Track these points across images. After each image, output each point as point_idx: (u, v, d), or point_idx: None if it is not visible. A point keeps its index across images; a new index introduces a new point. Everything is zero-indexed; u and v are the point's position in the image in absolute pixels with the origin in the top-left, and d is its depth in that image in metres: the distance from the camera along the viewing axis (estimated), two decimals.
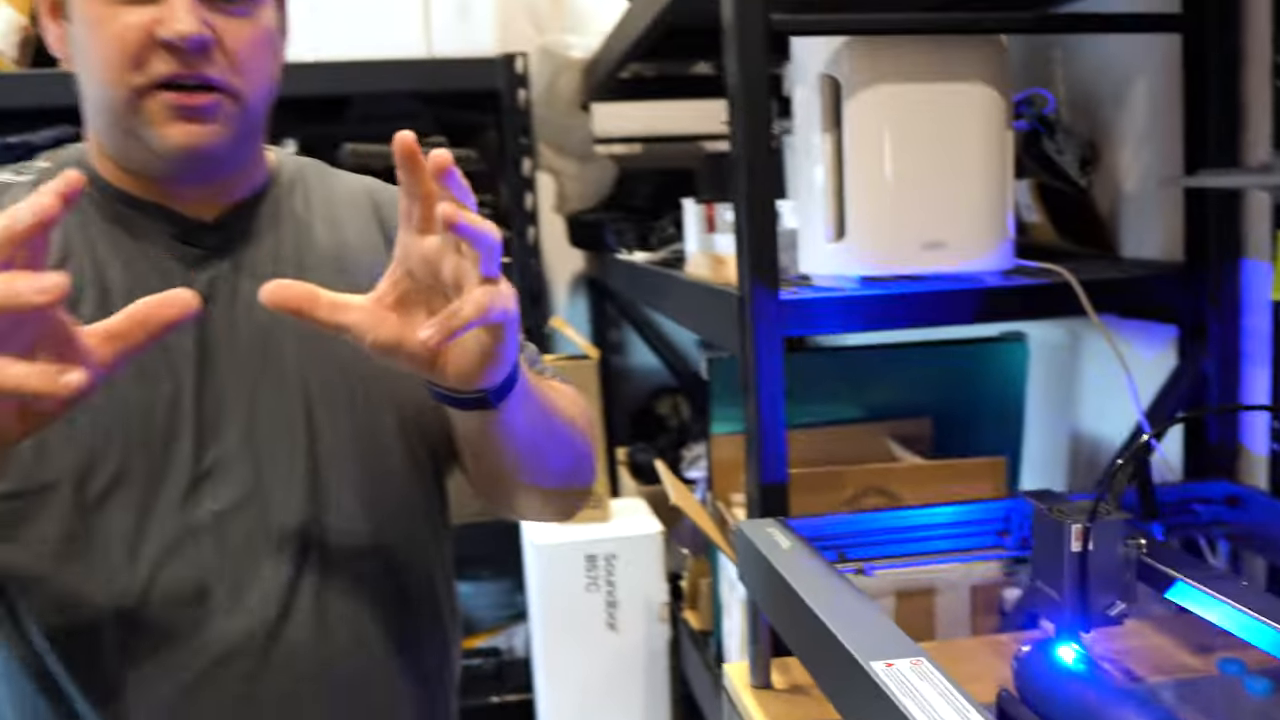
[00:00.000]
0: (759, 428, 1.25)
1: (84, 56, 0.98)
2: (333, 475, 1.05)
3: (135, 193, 1.04)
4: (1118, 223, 1.63)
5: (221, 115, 0.99)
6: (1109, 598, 1.04)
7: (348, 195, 1.15)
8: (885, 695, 0.79)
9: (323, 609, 1.04)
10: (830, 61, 1.28)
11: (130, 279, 1.02)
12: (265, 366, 1.04)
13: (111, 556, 0.98)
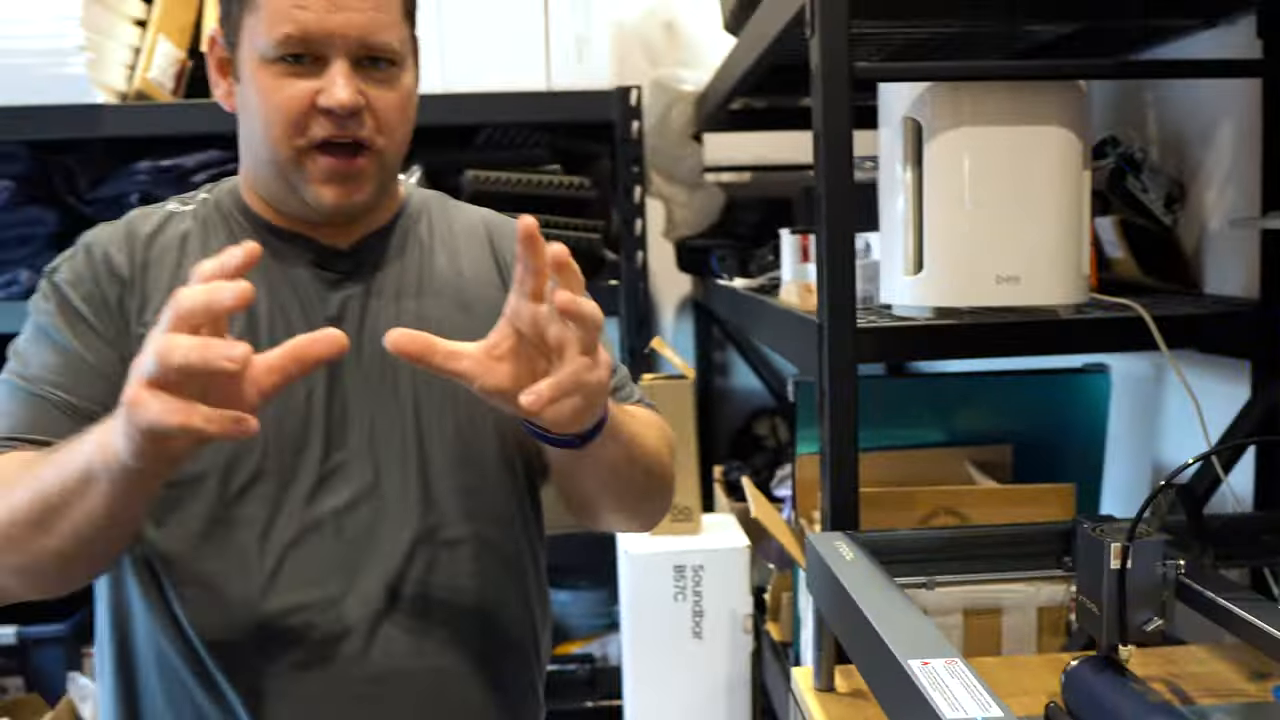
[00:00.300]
0: (831, 447, 1.33)
1: (251, 115, 1.13)
2: (438, 484, 1.17)
3: (280, 224, 1.19)
4: (1202, 260, 1.66)
5: (366, 176, 1.13)
6: (1146, 614, 1.10)
7: (467, 227, 1.28)
8: (917, 689, 0.86)
9: (422, 605, 1.15)
10: (913, 105, 1.36)
11: (273, 304, 1.15)
12: (384, 383, 1.17)
13: (246, 543, 1.11)
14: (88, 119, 2.39)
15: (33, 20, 2.35)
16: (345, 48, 1.09)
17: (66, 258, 1.19)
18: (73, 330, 1.13)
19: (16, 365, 1.14)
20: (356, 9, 1.08)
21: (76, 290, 1.15)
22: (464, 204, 1.33)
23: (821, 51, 1.28)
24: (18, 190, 2.45)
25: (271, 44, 1.09)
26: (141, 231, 1.18)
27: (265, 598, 1.11)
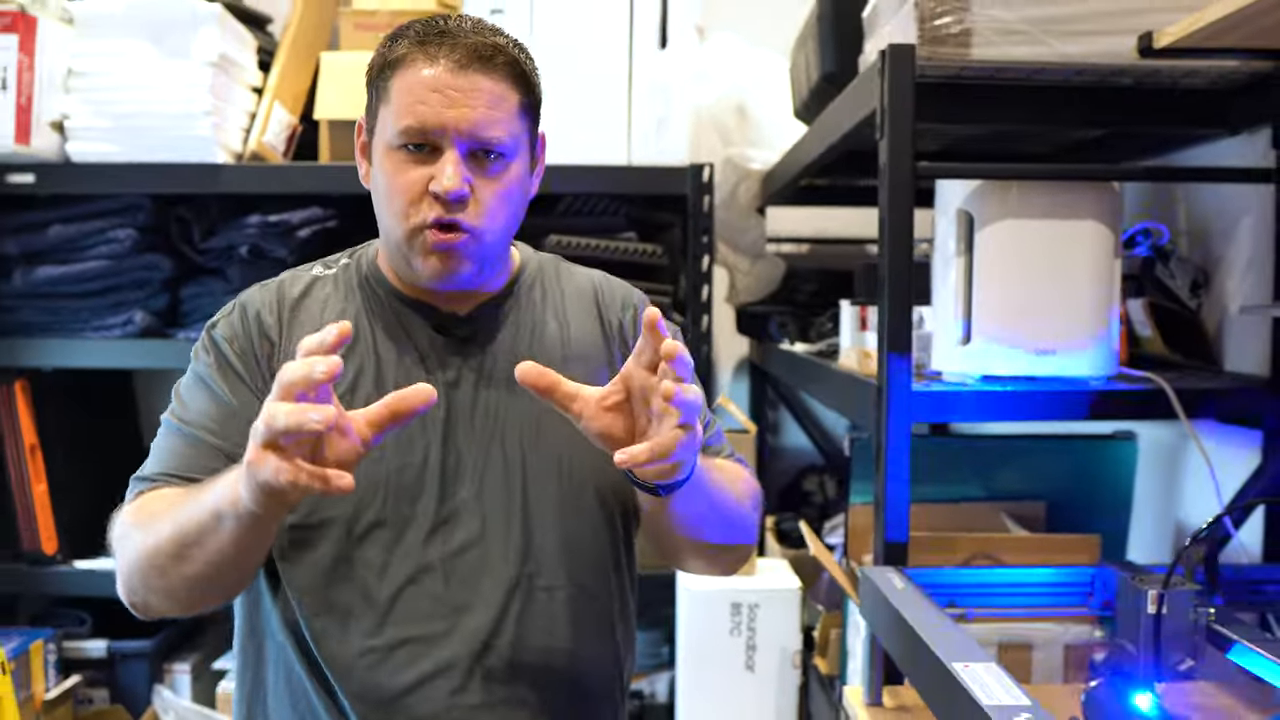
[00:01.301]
0: (886, 494, 1.52)
1: (379, 194, 1.25)
2: (539, 536, 1.27)
3: (406, 293, 1.30)
4: (1223, 340, 1.85)
5: (465, 255, 1.23)
6: (1179, 655, 1.27)
7: (576, 291, 1.39)
8: (961, 686, 1.05)
9: (518, 646, 1.24)
10: (966, 199, 1.57)
11: (397, 364, 1.27)
12: (493, 439, 1.27)
13: (366, 581, 1.23)
14: (209, 176, 2.62)
15: (165, 86, 2.58)
16: (457, 140, 1.20)
17: (225, 314, 1.32)
18: (227, 383, 1.26)
19: (177, 408, 1.27)
20: (470, 106, 1.19)
21: (231, 346, 1.27)
22: (576, 267, 1.44)
23: (890, 151, 1.48)
24: (140, 238, 2.68)
25: (396, 133, 1.20)
26: (290, 295, 1.30)
27: (380, 630, 1.22)
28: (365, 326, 1.28)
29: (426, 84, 1.19)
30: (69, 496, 2.75)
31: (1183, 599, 1.26)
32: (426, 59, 1.20)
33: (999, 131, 1.98)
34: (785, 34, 2.80)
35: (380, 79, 1.24)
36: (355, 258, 1.35)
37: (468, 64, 1.20)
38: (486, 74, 1.21)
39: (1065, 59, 1.53)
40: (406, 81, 1.20)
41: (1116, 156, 2.09)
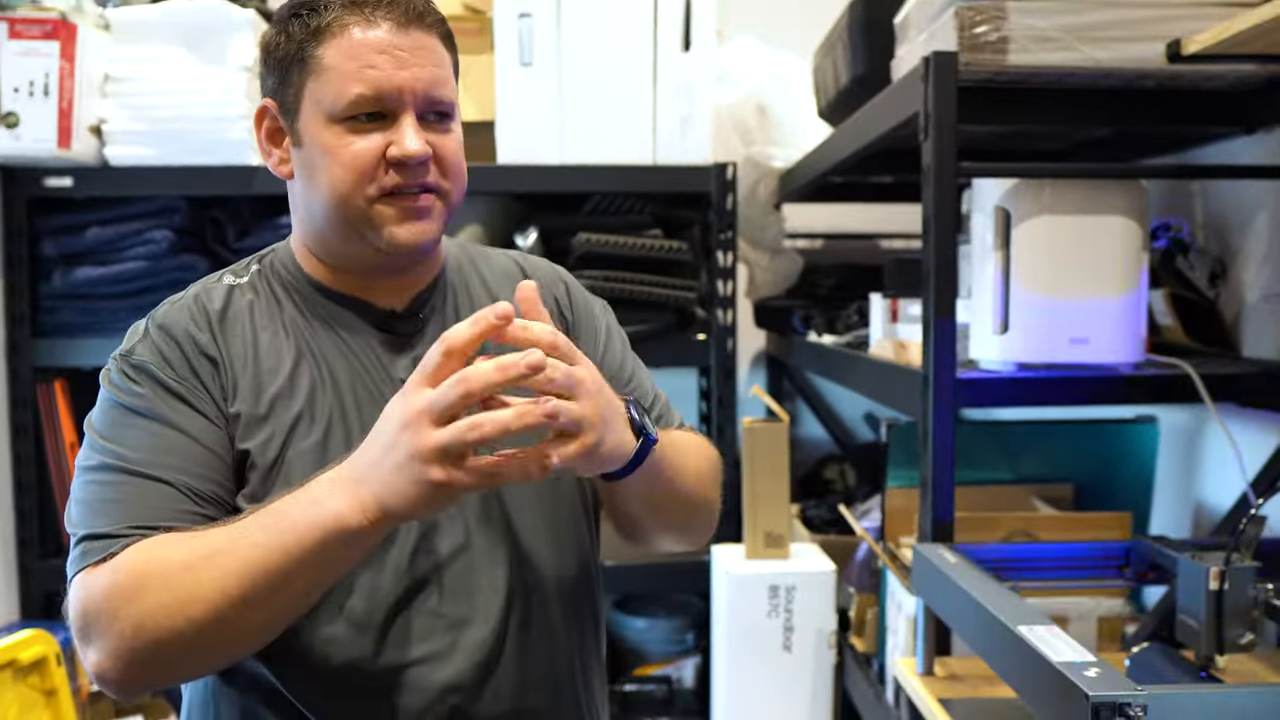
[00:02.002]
0: (934, 475, 1.61)
1: (315, 174, 1.13)
2: (524, 535, 1.19)
3: (336, 288, 1.20)
4: (1240, 328, 1.95)
5: (434, 214, 1.16)
6: (1240, 629, 1.34)
7: (502, 272, 1.31)
8: (1029, 646, 1.14)
9: (525, 648, 1.18)
10: (1003, 197, 1.66)
11: (349, 369, 1.18)
12: None
13: (355, 608, 1.12)
14: (244, 179, 2.69)
15: (201, 90, 2.65)
16: (413, 102, 1.13)
17: (138, 339, 1.17)
18: (173, 410, 1.11)
19: (111, 449, 1.09)
20: (420, 65, 1.13)
21: (165, 371, 1.12)
22: (491, 250, 1.36)
23: (934, 153, 1.57)
24: (176, 240, 2.74)
25: (342, 104, 1.11)
26: (212, 309, 1.17)
27: (377, 657, 1.12)
28: (305, 334, 1.19)
29: (372, 46, 1.11)
30: None
31: (1244, 575, 1.33)
32: (364, 21, 1.12)
33: (1020, 130, 2.07)
34: (800, 37, 2.90)
35: (302, 52, 1.13)
36: (265, 262, 1.24)
37: (407, 23, 1.13)
38: (426, 32, 1.15)
39: (1095, 64, 1.62)
40: (345, 47, 1.11)
41: (1131, 153, 2.18)
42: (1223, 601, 1.31)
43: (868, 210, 3.20)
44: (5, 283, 2.70)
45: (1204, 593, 1.32)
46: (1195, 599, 1.34)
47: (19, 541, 2.73)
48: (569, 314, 1.32)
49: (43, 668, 2.24)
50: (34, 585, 2.73)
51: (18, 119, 2.53)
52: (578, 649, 1.24)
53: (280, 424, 1.14)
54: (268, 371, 1.15)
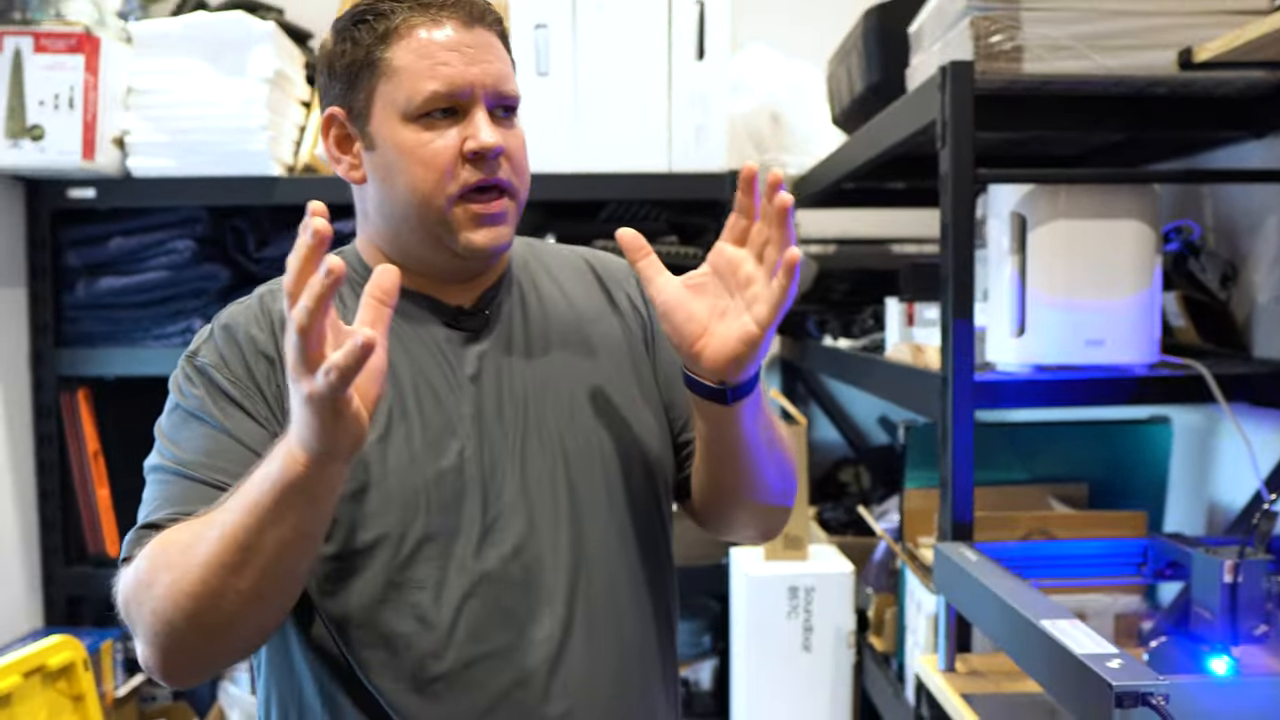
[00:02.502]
0: (954, 476, 1.64)
1: (392, 174, 1.15)
2: (591, 525, 1.19)
3: (407, 286, 1.14)
4: (1251, 329, 1.98)
5: (508, 217, 1.18)
6: (1254, 620, 1.38)
7: (567, 265, 1.32)
8: (1052, 639, 1.17)
9: (592, 640, 1.18)
10: (1019, 202, 1.69)
11: (412, 366, 1.19)
12: (529, 430, 1.19)
13: (422, 602, 1.13)
14: (265, 189, 2.73)
15: (223, 102, 2.69)
16: (485, 97, 1.15)
17: (203, 340, 1.19)
18: (224, 414, 1.13)
19: (170, 452, 1.13)
20: (488, 61, 1.15)
21: (222, 373, 1.15)
22: (557, 245, 1.37)
23: (952, 160, 1.61)
24: (198, 249, 2.78)
25: (417, 101, 1.13)
26: (275, 309, 1.18)
27: (446, 652, 1.13)
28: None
29: (440, 44, 1.14)
30: (130, 501, 2.83)
31: (1257, 568, 1.37)
32: (430, 22, 1.14)
33: (1034, 136, 2.11)
34: (812, 45, 2.93)
35: (371, 56, 1.15)
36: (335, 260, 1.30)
37: (471, 22, 1.16)
38: (489, 29, 1.17)
39: (1108, 71, 1.66)
40: (414, 47, 1.14)
41: (1143, 158, 2.22)
42: (1237, 594, 1.35)
43: (880, 215, 3.23)
44: (29, 293, 2.74)
45: (1219, 585, 1.35)
46: (1210, 592, 1.38)
47: (43, 549, 2.77)
48: (643, 309, 1.32)
49: (70, 673, 2.28)
50: (57, 592, 2.77)
51: (43, 131, 2.57)
52: (646, 646, 1.23)
53: None
54: None
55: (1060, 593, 1.69)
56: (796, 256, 1.03)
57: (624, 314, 1.30)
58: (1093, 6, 1.64)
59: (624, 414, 1.24)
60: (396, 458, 1.14)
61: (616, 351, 1.26)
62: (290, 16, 3.05)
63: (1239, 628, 1.35)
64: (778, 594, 2.32)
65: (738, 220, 1.08)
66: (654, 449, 1.25)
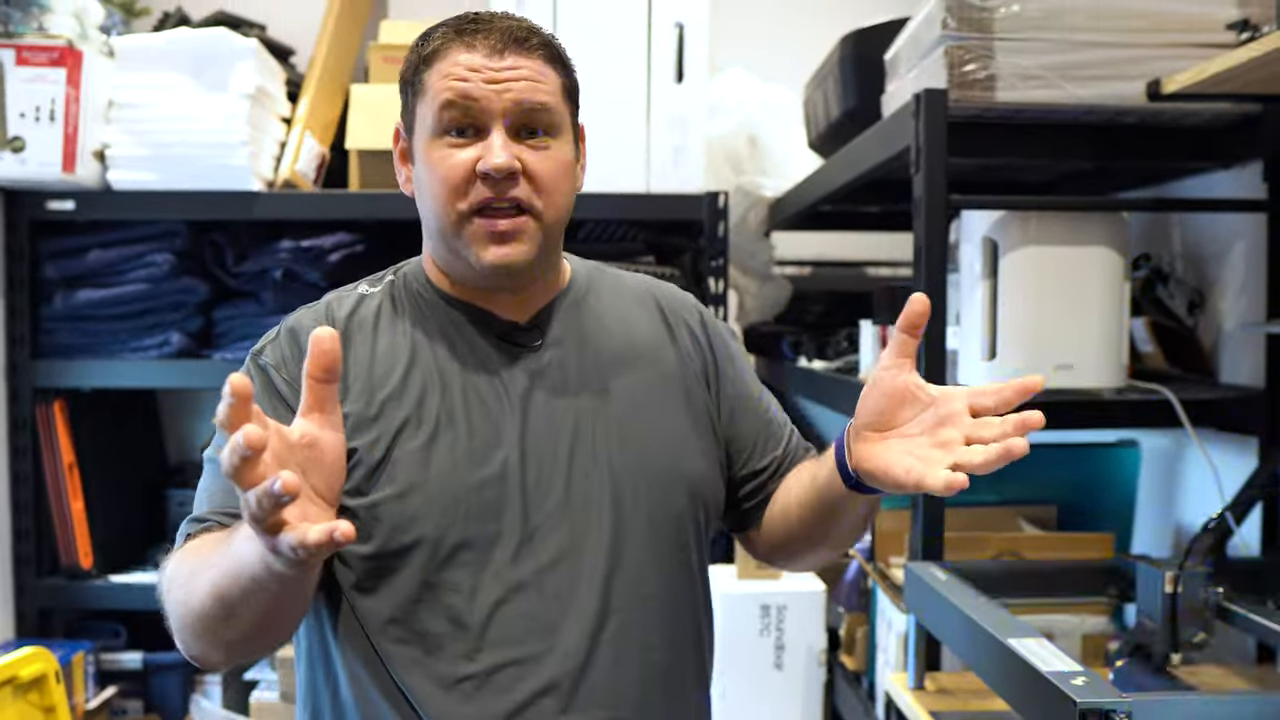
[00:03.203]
0: (924, 497, 1.66)
1: (423, 189, 1.20)
2: (631, 544, 1.21)
3: (462, 298, 1.24)
4: (1218, 355, 2.02)
5: (526, 235, 1.18)
6: (1193, 629, 1.43)
7: (630, 293, 1.34)
8: (1019, 657, 1.19)
9: (621, 655, 1.19)
10: (991, 228, 1.73)
11: (463, 376, 1.21)
12: (577, 446, 1.21)
13: (456, 605, 1.16)
14: (245, 203, 2.73)
15: (204, 116, 2.69)
16: (503, 114, 1.16)
17: (270, 340, 1.24)
18: (275, 413, 1.15)
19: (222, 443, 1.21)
20: (511, 78, 1.16)
21: (280, 373, 1.20)
22: (624, 272, 1.39)
23: (925, 185, 1.64)
24: (177, 263, 2.78)
25: (436, 118, 1.17)
26: (339, 315, 1.23)
27: (475, 655, 1.16)
28: (423, 340, 1.23)
29: (464, 65, 1.17)
30: (103, 513, 2.84)
31: (1195, 579, 1.42)
32: (463, 46, 1.18)
33: (1006, 162, 2.14)
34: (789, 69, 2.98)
35: (415, 75, 1.20)
36: (400, 274, 1.29)
37: (504, 47, 1.17)
38: (524, 54, 1.18)
39: (1079, 101, 1.69)
40: (443, 68, 1.17)
41: (1112, 186, 2.26)
42: (1177, 603, 1.39)
43: (855, 238, 3.27)
44: (6, 304, 2.74)
45: (1160, 595, 1.40)
46: (1153, 602, 1.42)
47: (15, 560, 2.75)
48: (705, 344, 1.34)
49: (42, 685, 2.27)
50: (28, 603, 2.75)
51: (24, 143, 2.58)
52: (675, 666, 1.24)
53: (388, 425, 1.18)
54: (382, 375, 1.20)
55: (1028, 612, 1.71)
56: (1023, 450, 1.05)
57: (682, 346, 1.32)
58: (1064, 38, 1.68)
59: (673, 441, 1.26)
60: (440, 463, 1.17)
61: (671, 380, 1.27)
62: (272, 33, 3.07)
63: (1179, 635, 1.40)
64: (750, 612, 2.34)
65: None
66: (701, 478, 1.27)
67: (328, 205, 2.81)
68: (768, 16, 3.28)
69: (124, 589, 2.79)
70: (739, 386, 1.35)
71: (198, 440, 3.21)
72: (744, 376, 1.37)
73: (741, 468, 1.33)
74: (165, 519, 3.02)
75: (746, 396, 1.35)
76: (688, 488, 1.26)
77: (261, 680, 2.85)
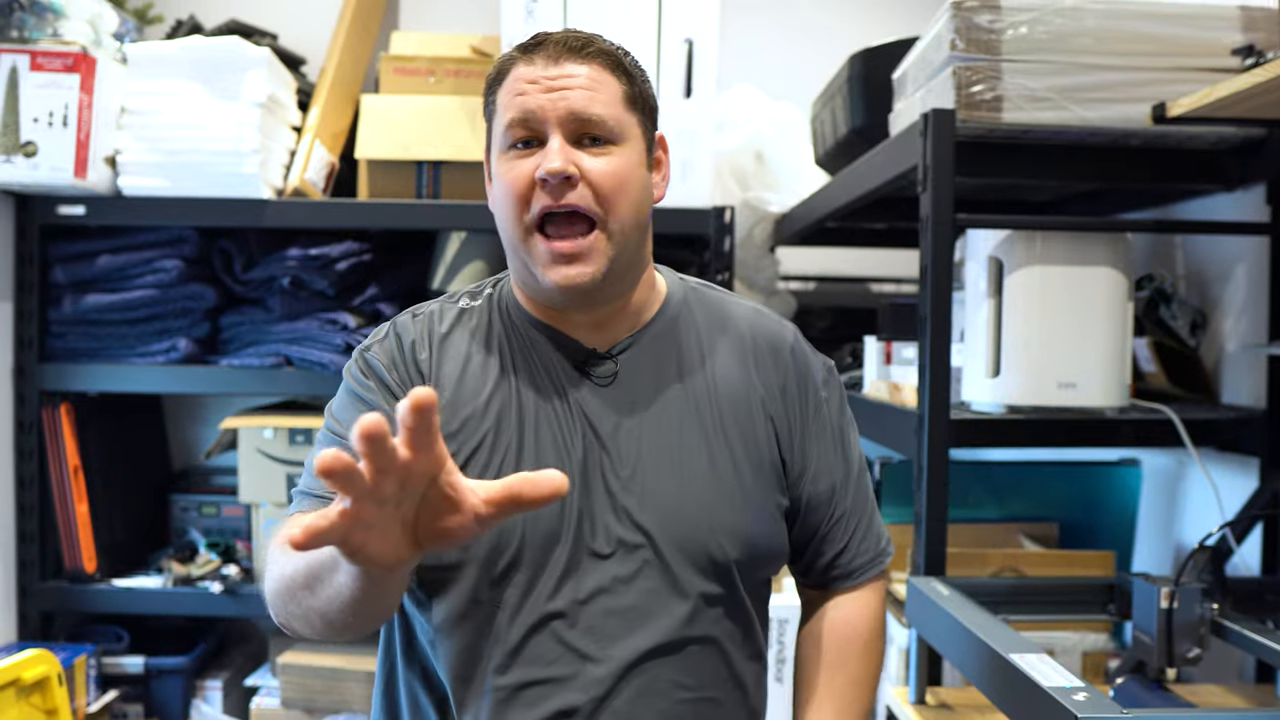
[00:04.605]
0: (928, 511, 1.68)
1: (496, 205, 1.23)
2: (676, 584, 1.22)
3: (542, 319, 1.26)
4: (1220, 375, 2.03)
5: (594, 255, 1.17)
6: (1188, 644, 1.44)
7: (727, 330, 1.31)
8: (1021, 672, 1.21)
9: (646, 690, 1.21)
10: (997, 247, 1.74)
11: (538, 401, 1.23)
12: (632, 486, 1.23)
13: (500, 620, 1.21)
14: (255, 211, 2.75)
15: (215, 124, 2.71)
16: (559, 123, 1.18)
17: (379, 339, 1.29)
18: (388, 404, 1.22)
19: (332, 424, 1.25)
20: (568, 88, 1.18)
21: (392, 373, 1.25)
22: (726, 297, 1.36)
23: (932, 204, 1.66)
24: (186, 269, 2.80)
25: (503, 134, 1.21)
26: (439, 330, 1.28)
27: (507, 670, 1.21)
28: (508, 361, 1.26)
29: (524, 78, 1.19)
30: (107, 517, 2.86)
31: (1191, 595, 1.43)
32: (525, 61, 1.21)
33: (1011, 182, 2.16)
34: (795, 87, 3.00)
35: (489, 97, 1.25)
36: (498, 286, 1.32)
37: (560, 56, 1.20)
38: (581, 61, 1.19)
39: (1084, 123, 1.71)
40: (508, 86, 1.21)
41: (1116, 207, 2.28)
42: (1172, 618, 1.40)
43: (858, 254, 3.29)
44: (15, 307, 2.75)
45: (1155, 611, 1.41)
46: (1149, 617, 1.43)
47: (19, 563, 2.76)
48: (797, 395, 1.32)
49: (45, 687, 2.28)
50: (32, 606, 2.76)
51: (36, 148, 2.59)
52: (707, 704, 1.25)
53: (466, 443, 1.22)
54: (470, 392, 1.24)
55: (1029, 629, 1.73)
56: None
57: (757, 391, 1.29)
58: (1071, 60, 1.70)
59: (733, 492, 1.25)
60: None
61: (739, 426, 1.27)
62: (284, 42, 3.09)
63: (1174, 651, 1.41)
64: None
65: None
66: (756, 531, 1.27)
67: (336, 214, 2.82)
68: (776, 34, 3.31)
69: (127, 593, 2.79)
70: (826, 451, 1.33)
71: (202, 446, 3.22)
72: (827, 432, 1.34)
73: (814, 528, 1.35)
74: (169, 524, 3.04)
75: (825, 457, 1.33)
76: (741, 540, 1.25)
77: (263, 686, 2.86)
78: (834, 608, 1.37)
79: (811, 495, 1.32)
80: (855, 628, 1.36)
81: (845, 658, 1.35)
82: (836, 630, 1.35)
